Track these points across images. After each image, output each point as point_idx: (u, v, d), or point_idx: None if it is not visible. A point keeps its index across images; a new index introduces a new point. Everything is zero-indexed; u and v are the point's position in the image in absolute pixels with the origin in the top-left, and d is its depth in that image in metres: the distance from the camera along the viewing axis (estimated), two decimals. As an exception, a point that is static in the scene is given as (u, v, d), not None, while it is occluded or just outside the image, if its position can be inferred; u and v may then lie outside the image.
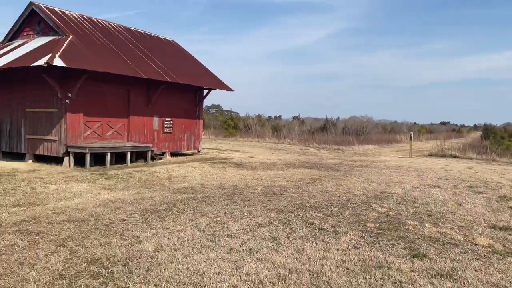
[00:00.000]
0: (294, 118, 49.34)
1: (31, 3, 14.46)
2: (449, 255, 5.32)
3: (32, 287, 4.02)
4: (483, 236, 6.23)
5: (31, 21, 14.93)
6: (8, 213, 6.87)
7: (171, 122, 16.99)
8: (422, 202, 8.86)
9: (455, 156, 23.75)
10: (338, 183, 11.38)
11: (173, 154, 17.47)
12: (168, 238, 5.74)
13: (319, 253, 5.25)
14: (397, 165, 17.15)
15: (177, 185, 10.43)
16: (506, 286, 4.37)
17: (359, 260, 5.03)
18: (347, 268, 4.75)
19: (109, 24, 17.08)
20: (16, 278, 4.22)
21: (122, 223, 6.51)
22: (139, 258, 4.93)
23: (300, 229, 6.40)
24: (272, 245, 5.58)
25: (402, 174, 13.69)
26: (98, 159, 13.59)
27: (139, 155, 15.06)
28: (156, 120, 16.37)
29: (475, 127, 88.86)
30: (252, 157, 18.77)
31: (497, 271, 4.80)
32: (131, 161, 14.23)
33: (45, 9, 14.47)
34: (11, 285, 4.04)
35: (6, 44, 15.20)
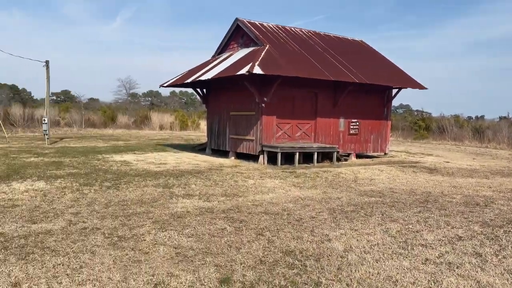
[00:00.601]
0: (501, 118, 42.29)
1: (236, 19, 16.53)
2: None
3: (239, 267, 4.58)
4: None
5: (236, 35, 17.06)
6: (218, 202, 8.00)
7: (357, 123, 16.84)
8: None
9: None
10: None
11: (358, 156, 17.28)
12: (357, 240, 5.70)
13: (542, 280, 4.35)
14: None
15: (363, 187, 10.26)
16: None
17: None
18: None
19: (301, 31, 18.07)
20: (226, 258, 4.87)
21: (311, 220, 6.79)
22: (329, 255, 5.04)
23: (511, 247, 5.44)
24: (476, 261, 4.91)
25: None
26: (287, 158, 14.54)
27: (325, 156, 15.45)
28: (342, 121, 16.50)
29: None
30: (447, 162, 16.97)
31: None
32: (317, 161, 14.71)
33: (247, 23, 16.31)
34: (223, 264, 4.69)
35: (216, 57, 17.78)
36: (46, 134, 21.03)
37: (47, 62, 22.03)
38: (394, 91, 17.89)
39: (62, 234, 5.59)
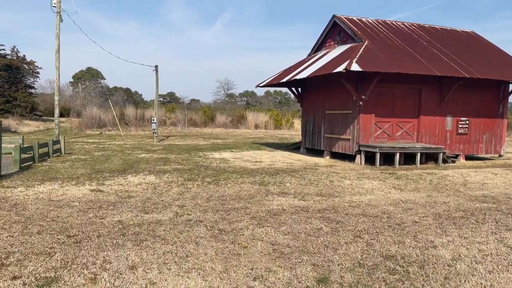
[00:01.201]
0: None
1: (333, 16, 16.26)
2: None
3: (336, 268, 4.50)
4: None
5: (333, 32, 16.79)
6: (313, 201, 7.96)
7: (467, 122, 15.39)
8: None
9: None
10: None
11: (468, 158, 15.79)
12: (467, 249, 5.22)
13: None
14: None
15: (474, 192, 9.35)
16: None
17: None
18: None
19: (403, 25, 17.10)
20: (322, 258, 4.83)
21: (414, 224, 6.39)
22: (435, 263, 4.70)
23: None
24: None
25: None
26: (386, 159, 13.88)
27: (429, 157, 14.42)
28: (449, 120, 15.23)
29: None
30: None
31: None
32: (420, 163, 13.79)
33: (345, 19, 15.93)
34: (319, 263, 4.65)
35: (312, 55, 17.69)
36: (155, 133, 23.00)
37: (156, 66, 24.07)
38: (511, 86, 15.98)
39: (170, 225, 6.06)
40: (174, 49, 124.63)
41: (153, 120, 23.24)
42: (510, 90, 15.97)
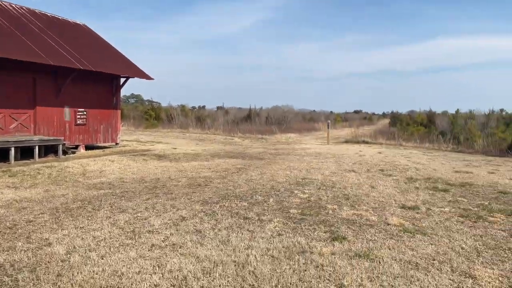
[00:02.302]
0: (218, 108, 49.01)
1: None
2: (365, 236, 5.60)
3: None
4: (394, 216, 6.68)
5: None
6: None
7: (85, 113, 15.85)
8: (340, 186, 9.29)
9: (367, 142, 25.42)
10: (262, 171, 11.51)
11: (89, 148, 16.36)
12: (82, 239, 5.30)
13: (244, 243, 5.21)
14: (316, 152, 17.86)
15: (92, 180, 9.74)
16: (417, 262, 4.70)
17: (283, 247, 5.08)
18: (272, 256, 4.77)
19: (10, 6, 15.34)
20: None
21: (28, 224, 5.88)
22: (48, 262, 4.47)
23: (225, 220, 6.31)
24: (197, 238, 5.42)
25: (321, 161, 14.27)
26: (0, 155, 12.22)
27: (49, 149, 13.84)
28: (67, 110, 15.15)
29: (384, 115, 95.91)
30: (175, 148, 18.28)
31: (409, 248, 5.16)
32: (40, 156, 13.02)
33: None
34: None
35: None
36: None
37: None
38: (122, 80, 17.77)
39: None
40: None
41: None
42: (121, 83, 17.69)
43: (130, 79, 17.85)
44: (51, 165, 11.61)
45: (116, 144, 17.83)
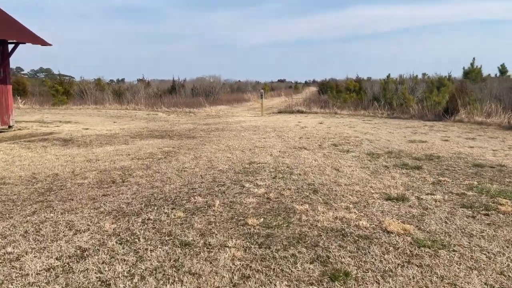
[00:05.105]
0: (138, 80, 44.62)
1: None
2: (373, 262, 3.73)
3: None
4: (387, 216, 4.96)
5: None
6: None
7: (-41, 89, 12.17)
8: (299, 172, 7.44)
9: (302, 112, 24.17)
10: (197, 155, 9.30)
11: (-31, 134, 12.79)
12: None
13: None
14: (253, 125, 15.96)
15: (-43, 184, 6.83)
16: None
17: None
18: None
19: None
20: None
21: None
22: None
23: (151, 252, 4.02)
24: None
25: (263, 136, 12.38)
26: None
27: None
28: None
29: (307, 83, 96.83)
30: (87, 128, 15.21)
31: (447, 284, 3.42)
32: None
33: None
34: None
35: None
36: None
37: None
38: (11, 47, 14.11)
39: None
40: None
41: None
42: (9, 51, 14.03)
43: (24, 45, 14.25)
44: None
45: (9, 127, 14.35)
